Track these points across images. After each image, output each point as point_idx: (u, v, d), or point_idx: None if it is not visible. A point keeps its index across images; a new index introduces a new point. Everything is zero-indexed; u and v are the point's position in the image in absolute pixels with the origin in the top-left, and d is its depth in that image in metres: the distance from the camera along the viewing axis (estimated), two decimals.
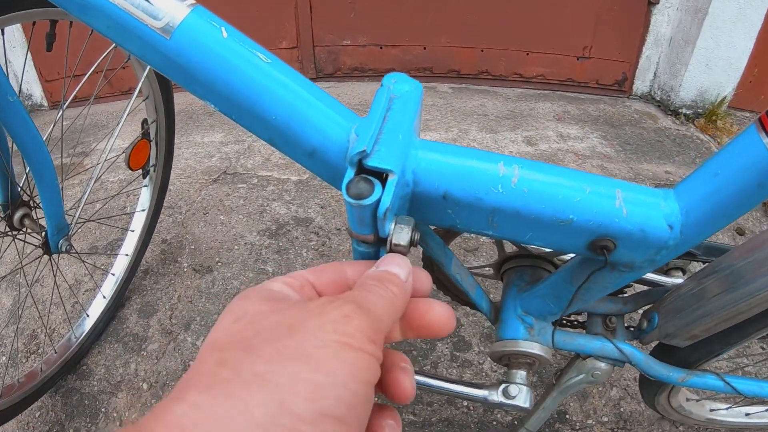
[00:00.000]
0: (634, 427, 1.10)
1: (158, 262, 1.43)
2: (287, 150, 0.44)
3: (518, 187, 0.40)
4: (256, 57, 0.40)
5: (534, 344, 0.61)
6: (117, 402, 1.15)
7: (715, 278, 0.59)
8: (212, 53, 0.39)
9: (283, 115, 0.41)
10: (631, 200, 0.42)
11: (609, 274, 0.49)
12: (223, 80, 0.40)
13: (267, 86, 0.40)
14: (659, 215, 0.42)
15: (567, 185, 0.41)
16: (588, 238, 0.43)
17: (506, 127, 2.01)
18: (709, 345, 0.68)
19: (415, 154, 0.41)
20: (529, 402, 0.60)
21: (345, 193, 0.37)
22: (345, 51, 2.26)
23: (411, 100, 0.43)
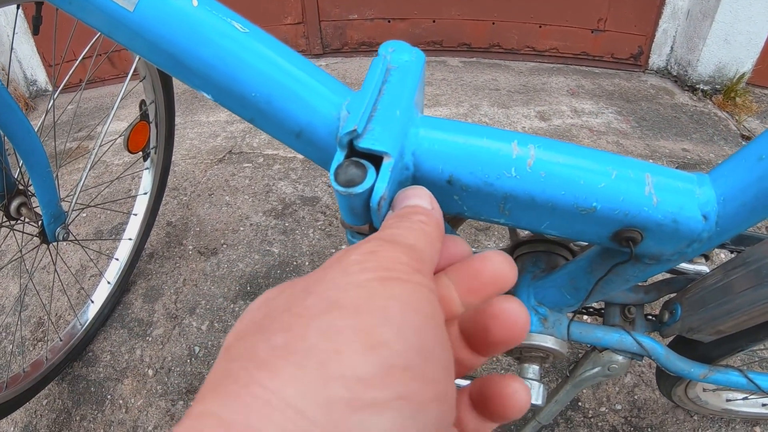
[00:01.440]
0: (648, 415, 1.06)
1: (163, 246, 1.40)
2: (271, 130, 0.38)
3: (534, 170, 0.34)
4: (232, 26, 0.34)
5: (548, 337, 0.56)
6: (123, 389, 1.13)
7: (745, 270, 0.53)
8: (180, 24, 0.33)
9: (264, 91, 0.36)
10: (662, 186, 0.36)
11: (632, 267, 0.43)
12: (194, 54, 0.34)
13: (244, 59, 0.35)
14: (693, 204, 0.36)
15: (590, 168, 0.35)
16: (612, 228, 0.37)
17: (519, 101, 1.93)
18: (734, 341, 0.63)
19: (415, 133, 0.35)
20: (541, 399, 0.56)
21: (333, 179, 0.31)
22: (352, 25, 2.18)
23: (411, 71, 0.37)
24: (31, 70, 2.42)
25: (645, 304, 0.67)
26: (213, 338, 1.16)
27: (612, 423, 1.04)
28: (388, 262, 0.19)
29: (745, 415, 1.02)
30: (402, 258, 0.19)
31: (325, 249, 1.34)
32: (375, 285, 0.17)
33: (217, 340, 1.16)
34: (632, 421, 1.05)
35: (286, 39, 2.22)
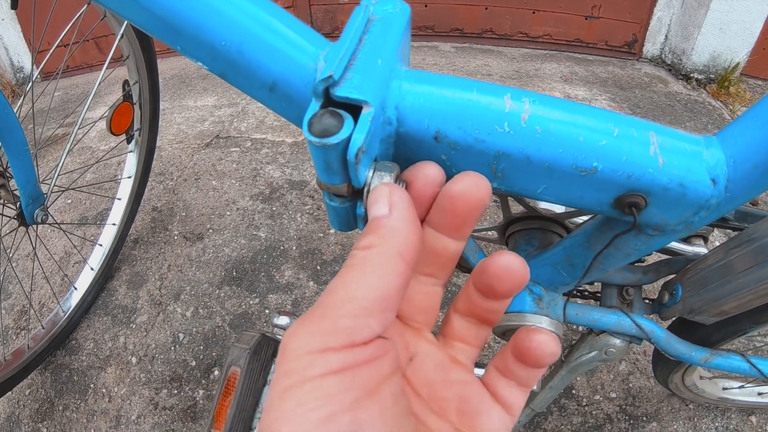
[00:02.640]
0: (643, 404, 1.04)
1: (148, 231, 1.36)
2: (243, 84, 0.35)
3: (529, 125, 0.31)
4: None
5: (542, 318, 0.53)
6: (106, 377, 1.10)
7: (750, 248, 0.50)
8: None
9: (234, 39, 0.32)
10: (668, 147, 0.32)
11: (634, 239, 0.40)
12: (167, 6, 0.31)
13: (213, 5, 0.31)
14: (701, 167, 0.33)
15: (590, 126, 0.32)
16: (615, 192, 0.34)
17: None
18: (737, 323, 0.60)
19: (399, 86, 0.32)
20: (538, 384, 0.53)
21: (306, 130, 0.28)
22: (343, 9, 2.13)
23: (395, 21, 0.34)
24: (18, 56, 2.36)
25: (643, 286, 0.64)
26: (197, 325, 1.13)
27: (606, 411, 1.02)
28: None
29: (741, 404, 1.01)
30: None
31: (312, 233, 1.31)
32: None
33: (202, 327, 1.12)
34: (627, 410, 1.03)
35: None
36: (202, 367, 1.06)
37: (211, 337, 1.10)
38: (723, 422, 1.05)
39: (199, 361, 1.07)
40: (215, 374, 1.04)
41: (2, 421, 1.09)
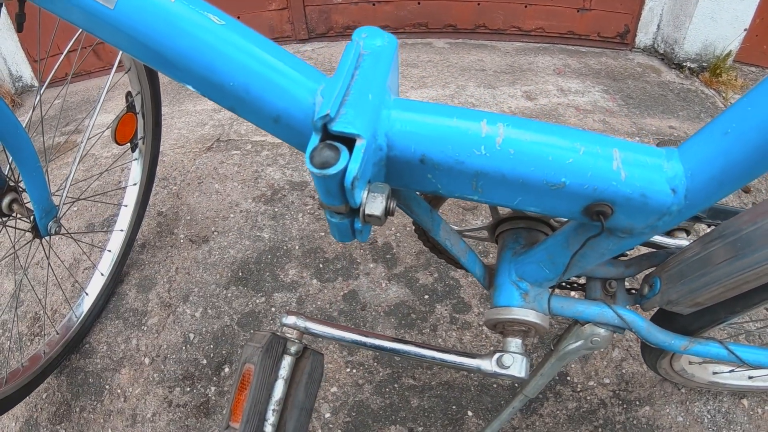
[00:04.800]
0: (635, 389, 1.08)
1: (155, 235, 1.40)
2: (251, 117, 0.39)
3: (503, 148, 0.35)
4: (208, 19, 0.35)
5: (529, 311, 0.57)
6: (120, 378, 1.14)
7: (721, 243, 0.55)
8: (159, 19, 0.34)
9: (242, 79, 0.36)
10: (630, 161, 0.37)
11: (606, 240, 0.45)
12: (173, 47, 0.35)
13: (221, 50, 0.35)
14: (661, 178, 0.38)
15: (558, 145, 0.36)
16: (583, 203, 0.38)
17: (505, 82, 1.93)
18: (712, 313, 0.64)
19: (388, 115, 0.36)
20: (524, 371, 0.58)
21: (308, 162, 0.32)
22: (337, 9, 2.16)
23: (383, 56, 0.38)
24: (16, 66, 2.39)
25: (626, 279, 0.68)
26: (207, 324, 1.18)
27: (600, 396, 1.06)
28: None
29: (731, 387, 1.04)
30: None
31: (314, 233, 1.35)
32: None
33: (211, 326, 1.17)
34: (620, 395, 1.07)
35: (270, 25, 2.20)
36: (212, 365, 1.11)
37: (220, 336, 1.15)
38: (715, 405, 1.08)
39: (209, 359, 1.12)
40: (226, 371, 1.09)
41: (21, 425, 1.13)
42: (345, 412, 1.00)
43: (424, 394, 1.02)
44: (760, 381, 1.03)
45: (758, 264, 0.50)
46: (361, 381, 1.05)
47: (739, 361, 0.70)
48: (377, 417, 0.99)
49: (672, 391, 1.09)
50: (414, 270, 1.25)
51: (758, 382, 1.03)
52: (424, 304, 1.17)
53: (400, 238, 1.33)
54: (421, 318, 1.14)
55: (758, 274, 0.51)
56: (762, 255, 0.50)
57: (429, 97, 1.83)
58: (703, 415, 1.07)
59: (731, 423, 1.06)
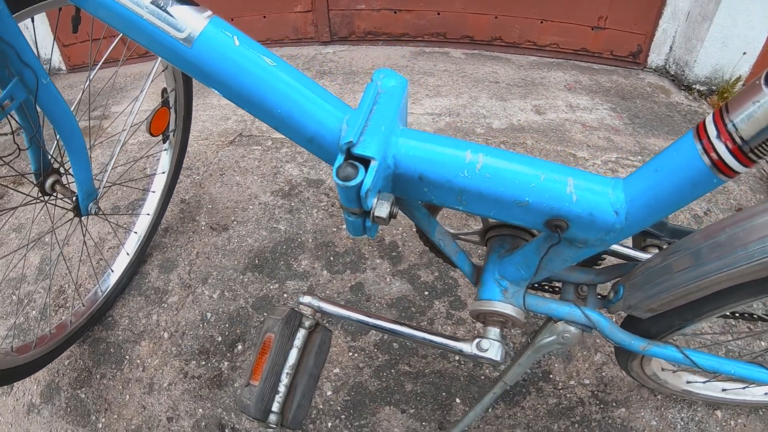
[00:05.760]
0: (613, 391, 1.18)
1: (177, 221, 1.54)
2: (290, 135, 0.52)
3: (482, 172, 0.48)
4: (264, 61, 0.47)
5: (507, 305, 0.69)
6: (140, 350, 1.27)
7: (676, 257, 0.66)
8: (227, 59, 0.46)
9: (287, 108, 0.49)
10: (581, 187, 0.49)
11: (567, 249, 0.57)
12: (237, 82, 0.48)
13: (273, 85, 0.48)
14: (606, 202, 0.49)
15: (524, 172, 0.48)
16: (543, 217, 0.50)
17: (516, 95, 2.05)
18: (668, 319, 0.75)
19: (396, 142, 0.49)
20: (500, 356, 0.69)
21: (335, 176, 0.45)
22: (359, 15, 2.28)
23: (395, 94, 0.50)
24: (45, 49, 2.54)
25: (596, 285, 0.80)
26: (223, 305, 1.31)
27: (579, 395, 1.17)
28: None
29: (705, 398, 1.12)
30: None
31: (327, 228, 1.48)
32: None
33: (227, 308, 1.30)
34: (598, 395, 1.18)
35: (295, 26, 2.33)
36: (227, 343, 1.24)
37: (235, 317, 1.28)
38: (689, 414, 1.16)
39: (224, 337, 1.25)
40: (239, 349, 1.22)
41: (42, 389, 1.26)
42: (345, 392, 1.13)
43: (417, 380, 1.14)
44: (732, 394, 1.10)
45: (702, 276, 0.61)
46: (361, 365, 1.17)
47: (694, 366, 0.81)
48: (373, 398, 1.12)
49: (648, 396, 1.19)
50: (417, 268, 1.37)
51: (731, 395, 1.10)
52: (424, 299, 1.29)
53: (405, 238, 1.45)
54: (420, 312, 1.27)
55: (699, 286, 0.62)
56: (705, 269, 0.61)
57: (442, 106, 1.95)
58: (676, 421, 1.16)
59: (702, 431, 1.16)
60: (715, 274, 0.60)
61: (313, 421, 1.09)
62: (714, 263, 0.60)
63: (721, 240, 0.60)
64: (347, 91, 2.03)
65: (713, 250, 0.60)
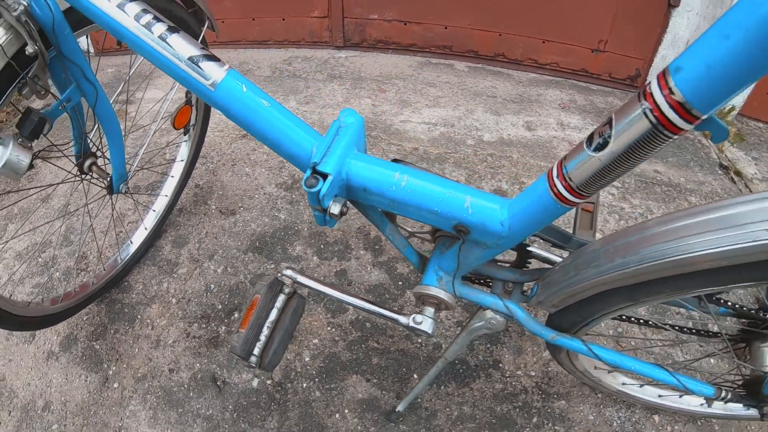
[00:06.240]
0: (557, 385, 1.35)
1: (191, 203, 1.79)
2: (278, 152, 0.76)
3: (405, 188, 0.71)
4: (262, 102, 0.71)
5: (441, 291, 0.92)
6: (150, 311, 1.53)
7: (572, 263, 0.88)
8: (237, 100, 0.71)
9: (277, 135, 0.73)
10: (475, 204, 0.72)
11: (474, 249, 0.80)
12: (243, 116, 0.72)
13: (268, 119, 0.72)
14: (495, 216, 0.73)
15: (434, 189, 0.72)
16: (450, 223, 0.73)
17: (511, 110, 2.26)
18: (570, 315, 0.96)
19: (349, 162, 0.72)
20: (431, 329, 0.92)
21: (303, 184, 0.69)
22: (372, 24, 2.52)
23: (353, 128, 0.74)
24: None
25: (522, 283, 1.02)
26: (225, 279, 1.56)
27: (524, 384, 1.38)
28: None
29: (643, 402, 1.24)
30: None
31: None
32: None
33: (229, 281, 1.55)
34: (542, 387, 1.38)
35: (311, 30, 2.58)
36: (225, 311, 1.49)
37: (234, 290, 1.53)
38: (626, 414, 1.30)
39: (224, 305, 1.50)
40: (235, 316, 1.47)
41: (62, 339, 1.52)
42: (320, 359, 1.37)
43: (383, 356, 1.38)
44: (669, 401, 1.23)
45: (582, 281, 0.84)
46: (336, 338, 1.41)
47: (596, 357, 1.03)
48: (344, 366, 1.36)
49: (589, 394, 1.35)
50: (395, 261, 1.60)
51: (667, 401, 1.23)
52: (398, 288, 1.53)
53: None
54: (393, 299, 1.50)
55: (584, 287, 0.85)
56: (590, 272, 0.83)
57: (439, 117, 2.17)
58: (613, 419, 1.30)
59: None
60: (592, 279, 0.82)
61: (291, 381, 1.33)
62: (592, 270, 0.82)
63: (601, 252, 0.82)
64: (353, 96, 2.27)
65: (594, 258, 0.82)
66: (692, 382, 1.00)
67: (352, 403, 1.29)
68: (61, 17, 0.92)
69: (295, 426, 1.25)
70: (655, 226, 0.72)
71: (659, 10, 2.33)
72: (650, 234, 0.72)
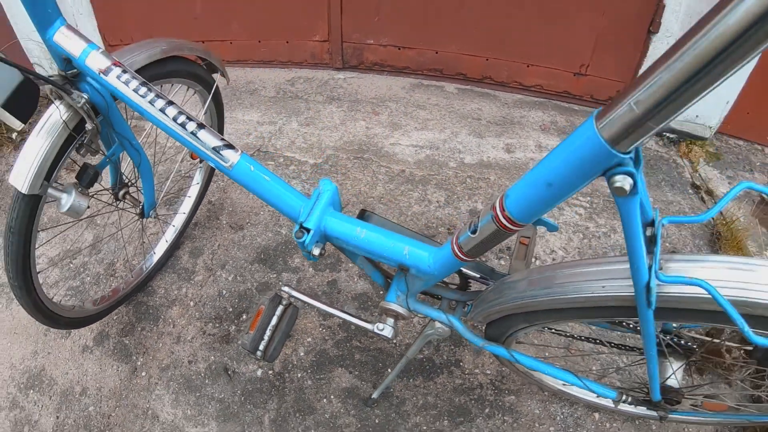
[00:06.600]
0: (509, 383, 1.69)
1: (205, 218, 2.22)
2: (276, 210, 1.17)
3: (363, 239, 1.12)
4: (264, 178, 1.13)
5: (398, 306, 1.33)
6: (172, 312, 1.96)
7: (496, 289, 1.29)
8: (247, 176, 1.12)
9: (275, 200, 1.14)
10: (411, 252, 1.13)
11: (416, 279, 1.21)
12: (252, 187, 1.13)
13: (269, 189, 1.13)
14: (424, 261, 1.13)
15: (384, 241, 1.12)
16: (395, 264, 1.15)
17: (493, 133, 2.65)
18: (496, 328, 1.36)
19: (326, 220, 1.14)
20: (391, 335, 1.34)
21: (294, 235, 1.11)
22: (368, 48, 2.92)
23: (328, 194, 1.15)
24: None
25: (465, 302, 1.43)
26: (235, 286, 1.99)
27: (480, 381, 1.77)
28: None
29: (582, 400, 1.52)
30: None
31: None
32: None
33: (238, 288, 1.98)
34: (496, 384, 1.77)
35: (312, 52, 2.99)
36: (235, 313, 1.92)
37: (243, 295, 1.96)
38: (570, 410, 1.59)
39: (234, 308, 1.93)
40: (243, 318, 1.90)
41: (95, 335, 1.95)
42: (312, 355, 1.80)
43: (363, 353, 1.80)
44: (604, 401, 1.50)
45: (506, 302, 1.24)
46: (326, 338, 1.84)
47: (516, 361, 1.43)
48: (331, 361, 1.78)
49: (537, 391, 1.65)
50: None
51: (603, 401, 1.51)
52: (378, 296, 1.95)
53: None
54: (374, 306, 1.92)
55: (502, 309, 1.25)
56: (507, 298, 1.24)
57: (426, 140, 2.57)
58: (557, 414, 1.60)
59: (579, 427, 1.57)
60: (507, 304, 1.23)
61: (288, 371, 1.76)
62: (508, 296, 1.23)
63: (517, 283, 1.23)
64: (350, 119, 2.68)
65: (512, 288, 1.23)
66: (597, 386, 1.38)
67: (337, 391, 1.72)
68: (112, 104, 1.34)
69: (291, 408, 1.68)
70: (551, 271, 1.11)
71: (639, 36, 2.67)
72: (546, 276, 1.11)
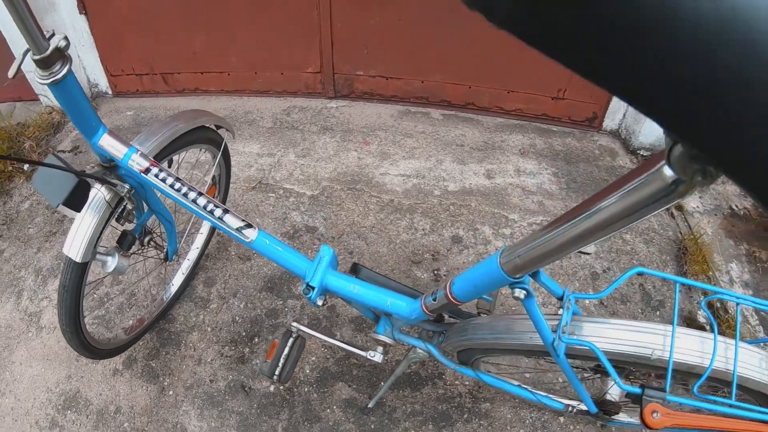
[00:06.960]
0: (485, 392, 2.05)
1: (216, 250, 2.67)
2: (287, 269, 1.62)
3: (356, 294, 1.57)
4: (277, 248, 1.58)
5: (386, 338, 1.79)
6: (191, 337, 2.42)
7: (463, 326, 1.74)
8: (264, 248, 1.57)
9: (286, 265, 1.59)
10: (393, 303, 1.58)
11: (399, 320, 1.66)
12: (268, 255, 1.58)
13: (281, 256, 1.58)
14: (404, 309, 1.58)
15: (372, 295, 1.58)
16: (382, 311, 1.60)
17: (475, 159, 3.08)
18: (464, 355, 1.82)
19: (327, 278, 1.59)
20: (380, 360, 1.80)
21: (303, 292, 1.56)
22: (358, 79, 3.34)
23: (327, 257, 1.60)
24: (94, 75, 3.65)
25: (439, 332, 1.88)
26: (247, 313, 2.44)
27: (460, 391, 2.23)
28: None
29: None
30: None
31: None
32: None
33: (249, 314, 2.44)
34: (473, 393, 2.22)
35: (306, 83, 3.41)
36: (248, 337, 2.37)
37: (254, 321, 2.41)
38: (538, 415, 1.95)
39: (247, 332, 2.38)
40: (255, 341, 2.35)
41: (123, 359, 2.39)
42: (317, 371, 2.26)
43: (360, 369, 2.26)
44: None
45: (468, 339, 1.70)
46: (328, 356, 2.30)
47: (481, 380, 1.89)
48: (333, 376, 2.25)
49: (509, 399, 2.09)
50: None
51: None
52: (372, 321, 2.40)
53: None
54: (369, 328, 2.38)
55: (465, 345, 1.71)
56: (468, 335, 1.69)
57: (413, 168, 3.01)
58: (526, 418, 1.97)
59: (546, 430, 1.90)
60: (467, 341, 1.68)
61: (296, 386, 2.22)
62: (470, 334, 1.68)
63: (478, 324, 1.68)
64: (342, 149, 3.11)
65: (474, 327, 1.69)
66: (546, 399, 1.85)
67: (339, 402, 2.18)
68: (152, 192, 1.78)
69: (300, 417, 2.15)
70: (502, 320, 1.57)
71: None
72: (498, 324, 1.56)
